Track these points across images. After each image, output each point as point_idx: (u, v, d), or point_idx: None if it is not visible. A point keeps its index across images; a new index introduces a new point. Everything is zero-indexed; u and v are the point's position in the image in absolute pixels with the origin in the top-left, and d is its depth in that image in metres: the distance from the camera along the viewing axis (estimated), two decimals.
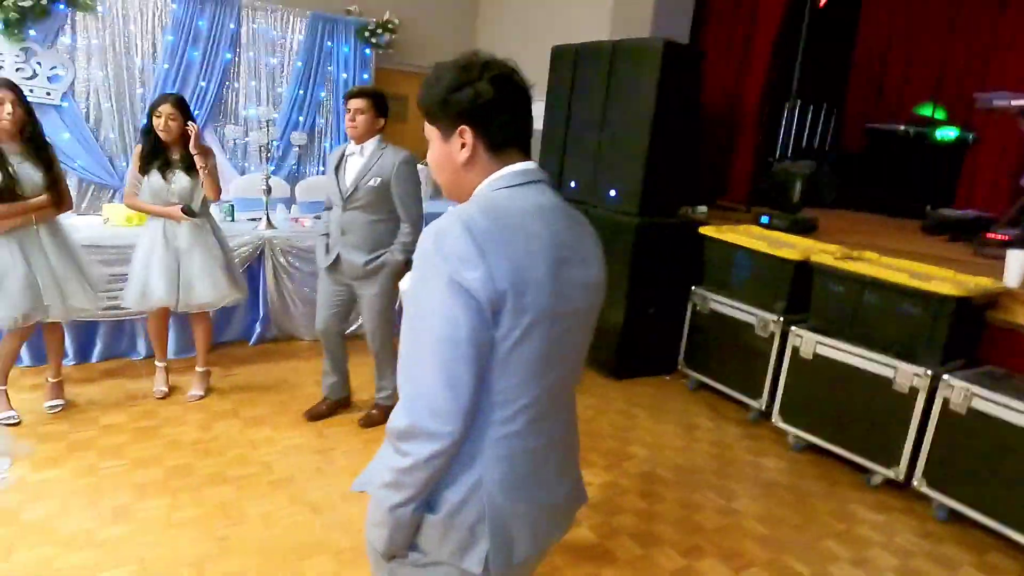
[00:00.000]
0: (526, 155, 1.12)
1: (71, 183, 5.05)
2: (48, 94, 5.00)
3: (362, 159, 3.00)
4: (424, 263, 0.99)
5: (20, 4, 4.67)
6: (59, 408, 3.19)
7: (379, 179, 2.96)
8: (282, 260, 4.19)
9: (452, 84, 1.05)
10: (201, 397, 3.48)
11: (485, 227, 0.98)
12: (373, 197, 2.97)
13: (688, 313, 4.27)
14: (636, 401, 4.03)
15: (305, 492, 2.75)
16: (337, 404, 3.46)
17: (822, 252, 3.63)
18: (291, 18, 5.80)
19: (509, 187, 1.07)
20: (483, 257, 0.96)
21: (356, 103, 2.94)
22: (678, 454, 3.41)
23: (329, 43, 5.98)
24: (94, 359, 3.79)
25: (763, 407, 3.77)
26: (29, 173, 2.82)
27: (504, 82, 1.06)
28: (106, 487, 2.64)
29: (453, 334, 0.96)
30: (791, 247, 3.74)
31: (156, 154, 3.15)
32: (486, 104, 1.04)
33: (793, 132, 7.13)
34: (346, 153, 3.07)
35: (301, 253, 4.24)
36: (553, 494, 1.16)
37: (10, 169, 2.76)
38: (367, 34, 6.07)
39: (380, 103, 3.00)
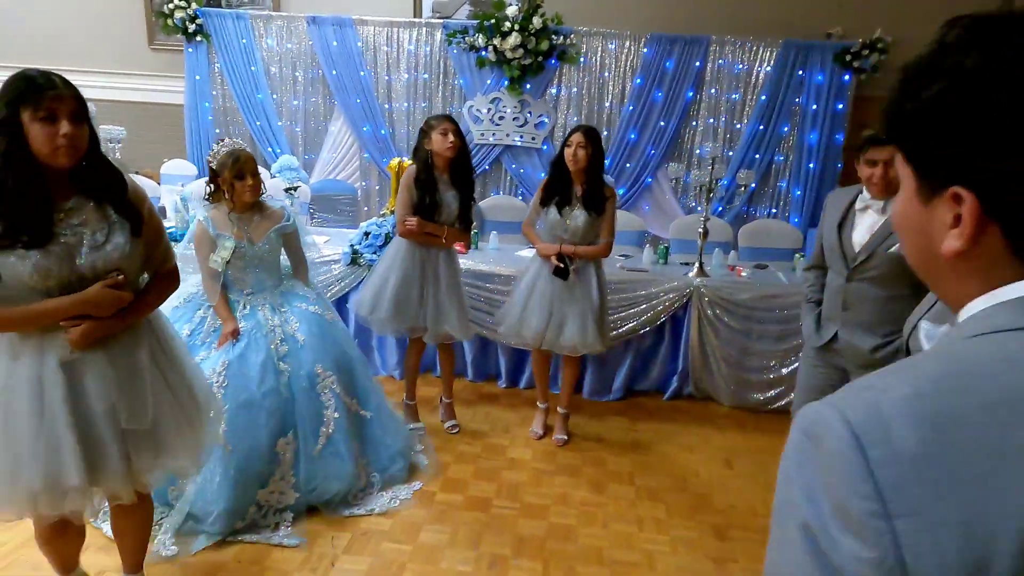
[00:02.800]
0: None
1: None
2: (533, 139, 5.66)
3: (881, 217, 2.23)
4: (783, 475, 0.51)
5: (523, 63, 5.39)
6: (455, 430, 3.35)
7: None
8: (709, 312, 3.73)
9: (952, 97, 0.51)
10: (565, 441, 3.32)
11: (911, 448, 0.44)
12: (895, 268, 2.16)
13: None
14: None
15: None
16: None
17: None
18: (760, 49, 5.35)
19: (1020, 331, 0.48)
20: (886, 520, 0.43)
21: (882, 154, 2.12)
22: None
23: (800, 72, 5.31)
24: (522, 384, 3.99)
25: None
26: (449, 201, 3.04)
27: None
28: (493, 529, 2.60)
29: None
30: None
31: (559, 187, 3.08)
32: None
33: None
34: (855, 206, 2.32)
35: (732, 307, 3.71)
36: None
37: (436, 195, 3.01)
38: (848, 58, 5.18)
39: None
